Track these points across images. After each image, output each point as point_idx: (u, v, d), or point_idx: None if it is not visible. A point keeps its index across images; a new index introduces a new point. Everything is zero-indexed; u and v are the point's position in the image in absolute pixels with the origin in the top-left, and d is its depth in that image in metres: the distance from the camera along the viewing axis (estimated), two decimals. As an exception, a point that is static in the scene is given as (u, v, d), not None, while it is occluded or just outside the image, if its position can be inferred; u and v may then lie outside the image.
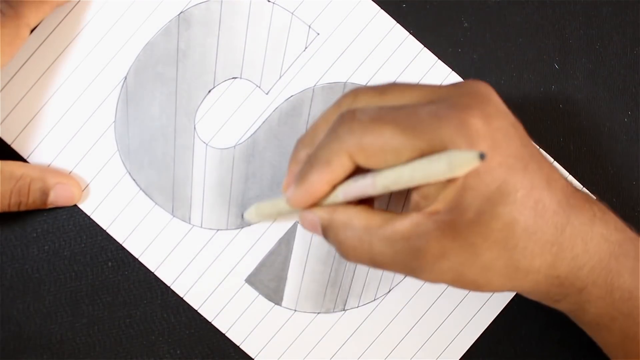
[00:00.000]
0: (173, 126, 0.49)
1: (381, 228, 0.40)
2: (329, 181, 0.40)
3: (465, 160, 0.35)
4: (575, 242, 0.41)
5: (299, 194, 0.41)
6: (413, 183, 0.38)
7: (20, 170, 0.47)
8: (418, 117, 0.38)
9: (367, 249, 0.40)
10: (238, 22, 0.49)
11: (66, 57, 0.49)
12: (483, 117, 0.38)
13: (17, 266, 0.49)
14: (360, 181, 0.40)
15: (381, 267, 0.41)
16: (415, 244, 0.39)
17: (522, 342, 0.51)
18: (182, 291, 0.50)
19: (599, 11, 0.51)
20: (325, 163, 0.40)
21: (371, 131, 0.38)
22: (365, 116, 0.39)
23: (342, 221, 0.41)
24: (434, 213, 0.38)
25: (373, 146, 0.38)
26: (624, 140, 0.51)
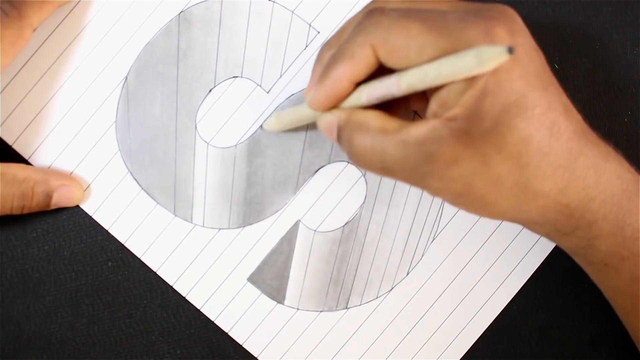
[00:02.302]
0: (174, 126, 0.50)
1: (396, 132, 0.40)
2: (352, 77, 0.41)
3: (493, 54, 0.35)
4: (587, 173, 0.41)
5: (320, 91, 0.42)
6: (440, 80, 0.38)
7: (23, 173, 0.48)
8: (445, 19, 0.39)
9: (379, 152, 0.41)
10: (238, 21, 0.50)
11: (67, 57, 0.49)
12: (508, 30, 0.39)
13: (17, 266, 0.50)
14: (385, 80, 0.40)
15: (391, 172, 0.42)
16: (428, 148, 0.39)
17: (522, 342, 0.52)
18: (184, 290, 0.51)
19: (599, 11, 0.52)
20: (349, 56, 0.41)
21: (398, 25, 0.39)
22: (394, 12, 0.40)
23: (358, 122, 0.42)
24: (451, 119, 0.39)
25: (398, 40, 0.39)
26: (624, 140, 0.52)
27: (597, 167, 0.42)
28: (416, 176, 0.41)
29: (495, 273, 0.52)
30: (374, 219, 0.51)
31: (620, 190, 0.43)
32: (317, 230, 0.51)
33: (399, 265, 0.52)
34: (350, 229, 0.51)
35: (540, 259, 0.52)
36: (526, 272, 0.52)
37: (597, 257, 0.44)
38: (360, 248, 0.51)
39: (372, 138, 0.41)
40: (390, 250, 0.52)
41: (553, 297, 0.52)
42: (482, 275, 0.52)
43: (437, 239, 0.52)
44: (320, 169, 0.51)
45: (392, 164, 0.41)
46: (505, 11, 0.41)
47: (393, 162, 0.41)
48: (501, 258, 0.52)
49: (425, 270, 0.52)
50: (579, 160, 0.41)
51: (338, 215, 0.51)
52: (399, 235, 0.52)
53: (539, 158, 0.40)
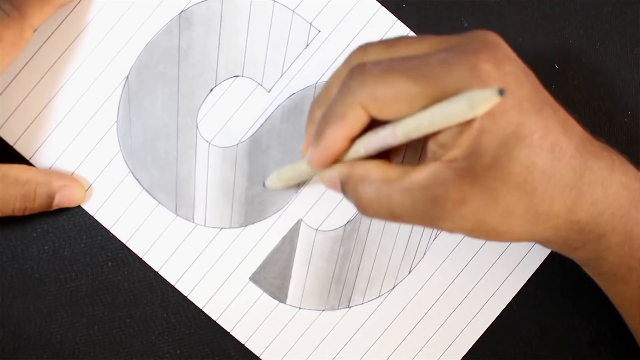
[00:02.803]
0: (175, 125, 0.50)
1: (400, 180, 0.41)
2: (346, 135, 0.42)
3: (484, 98, 0.35)
4: (594, 188, 0.42)
5: (317, 152, 0.43)
6: (434, 127, 0.39)
7: (25, 174, 0.48)
8: (429, 65, 0.39)
9: (386, 201, 0.41)
10: (239, 20, 0.50)
11: (68, 57, 0.50)
12: (493, 62, 0.39)
13: (17, 266, 0.50)
14: (380, 132, 0.41)
15: (401, 219, 0.42)
16: (434, 192, 0.40)
17: (522, 342, 0.53)
18: (186, 290, 0.51)
19: (599, 11, 0.52)
20: (340, 117, 0.41)
21: (383, 81, 0.40)
22: (376, 67, 0.40)
23: (360, 175, 0.42)
24: (452, 160, 0.39)
25: (386, 96, 0.39)
26: (624, 140, 0.53)
27: (604, 180, 0.42)
28: (426, 220, 0.41)
29: (496, 272, 0.52)
30: (375, 217, 0.52)
31: (628, 201, 0.43)
32: (318, 229, 0.52)
33: (401, 263, 0.52)
34: (352, 227, 0.52)
35: (541, 259, 0.52)
36: (526, 272, 0.52)
37: (606, 268, 0.45)
38: (362, 247, 0.52)
39: (377, 189, 0.41)
40: (392, 249, 0.52)
41: (553, 297, 0.53)
42: (483, 275, 0.52)
43: (438, 238, 0.52)
44: (322, 168, 0.52)
45: (400, 212, 0.41)
46: (486, 39, 0.41)
47: (401, 210, 0.41)
48: (502, 257, 0.52)
49: (427, 269, 0.52)
50: (585, 176, 0.41)
51: (340, 214, 0.52)
52: (401, 233, 0.52)
53: (545, 182, 0.40)
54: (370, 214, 0.42)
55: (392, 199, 0.41)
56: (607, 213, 0.42)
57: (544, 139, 0.40)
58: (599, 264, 0.45)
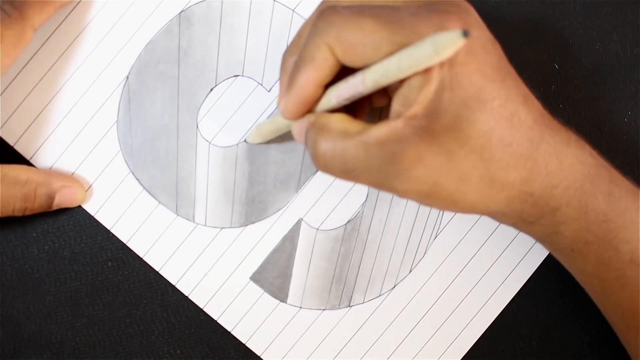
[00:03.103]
0: (176, 125, 0.51)
1: (358, 134, 0.40)
2: (317, 79, 0.41)
3: (449, 40, 0.35)
4: (549, 160, 0.42)
5: (290, 100, 0.42)
6: (401, 73, 0.38)
7: (25, 175, 0.48)
8: (399, 14, 0.39)
9: (340, 155, 0.41)
10: (239, 19, 0.51)
11: (68, 57, 0.50)
12: (462, 24, 0.39)
13: (17, 266, 0.51)
14: (350, 80, 0.40)
15: (353, 174, 0.41)
16: (391, 149, 0.39)
17: (522, 342, 0.53)
18: (186, 290, 0.51)
19: (599, 11, 0.53)
20: (309, 60, 0.41)
21: (351, 23, 0.39)
22: (346, 10, 0.40)
23: (321, 124, 0.42)
24: (412, 118, 0.39)
25: (353, 38, 0.39)
26: (624, 140, 0.53)
27: (559, 153, 0.42)
28: (380, 178, 0.41)
29: (496, 272, 0.53)
30: (376, 216, 0.52)
31: (583, 174, 0.43)
32: (319, 229, 0.52)
33: (402, 263, 0.52)
34: (353, 227, 0.52)
35: (541, 258, 0.53)
36: (526, 272, 0.53)
37: (563, 244, 0.45)
38: (362, 246, 0.52)
39: (334, 141, 0.41)
40: (392, 248, 0.52)
41: (553, 297, 0.53)
42: (483, 274, 0.53)
43: (439, 237, 0.52)
44: (322, 168, 0.52)
45: (353, 167, 0.41)
46: (458, 4, 0.41)
47: (354, 165, 0.41)
48: (502, 257, 0.53)
49: (427, 268, 0.52)
50: (541, 148, 0.42)
51: (340, 214, 0.52)
52: (401, 233, 0.52)
53: (502, 149, 0.40)
54: (323, 167, 0.42)
55: (347, 152, 0.41)
56: (561, 186, 0.43)
57: (504, 106, 0.40)
58: (556, 240, 0.45)
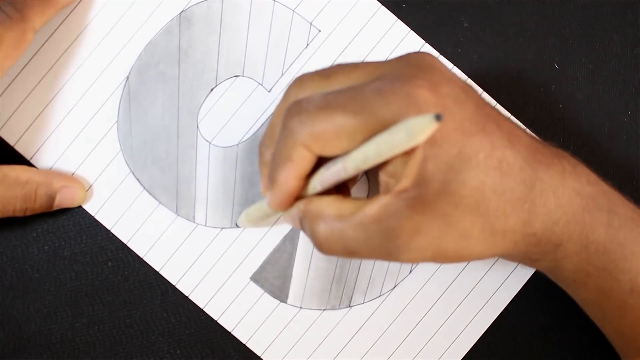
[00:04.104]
0: (176, 125, 0.51)
1: (352, 214, 0.40)
2: (297, 176, 0.42)
3: (422, 125, 0.35)
4: (547, 198, 0.42)
5: (274, 196, 0.43)
6: (380, 158, 0.38)
7: (26, 175, 0.48)
8: (364, 97, 0.39)
9: (340, 237, 0.41)
10: (239, 20, 0.51)
11: (68, 57, 0.50)
12: (429, 86, 0.39)
13: (17, 266, 0.51)
14: (331, 168, 0.41)
15: (357, 254, 0.41)
16: (387, 225, 0.40)
17: (522, 342, 0.53)
18: (187, 290, 0.51)
19: (599, 11, 0.53)
20: (286, 159, 0.41)
21: (321, 119, 0.39)
22: (312, 105, 0.40)
23: (315, 212, 0.42)
24: (402, 191, 0.39)
25: (326, 134, 0.39)
26: (624, 140, 0.53)
27: (555, 188, 0.42)
28: (384, 253, 0.41)
29: (496, 272, 0.53)
30: (376, 217, 0.52)
31: (581, 207, 0.43)
32: (319, 229, 0.52)
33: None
34: (353, 227, 0.52)
35: (541, 258, 0.53)
36: (527, 272, 0.53)
37: (565, 276, 0.46)
38: (362, 246, 0.52)
39: (331, 225, 0.41)
40: (392, 248, 0.53)
41: (553, 297, 0.53)
42: (483, 274, 0.53)
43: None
44: (322, 168, 0.52)
45: (355, 247, 0.41)
46: (421, 61, 0.41)
47: (356, 245, 0.41)
48: (502, 258, 0.52)
49: (427, 268, 0.52)
50: (536, 187, 0.42)
51: (340, 214, 0.52)
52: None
53: (496, 199, 0.40)
54: (326, 250, 0.42)
55: (345, 234, 0.41)
56: (561, 222, 0.43)
57: (490, 156, 0.40)
58: (559, 273, 0.46)
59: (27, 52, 0.50)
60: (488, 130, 0.40)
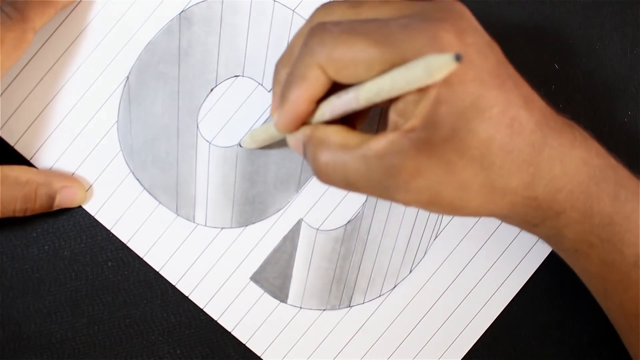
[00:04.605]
0: (176, 125, 0.51)
1: (357, 146, 0.41)
2: (309, 97, 0.41)
3: (441, 63, 0.35)
4: (553, 164, 0.42)
5: (283, 115, 0.43)
6: (395, 92, 0.38)
7: (26, 175, 0.48)
8: (390, 29, 0.39)
9: (341, 167, 0.41)
10: (239, 20, 0.51)
11: (68, 57, 0.50)
12: (455, 32, 0.39)
13: (17, 266, 0.51)
14: (343, 96, 0.41)
15: (355, 187, 0.42)
16: (390, 161, 0.39)
17: (522, 342, 0.53)
18: (187, 290, 0.52)
19: (599, 11, 0.53)
20: (301, 78, 0.41)
21: (342, 43, 0.39)
22: (337, 28, 0.40)
23: (320, 138, 0.42)
24: (410, 130, 0.39)
25: (344, 58, 0.39)
26: (624, 140, 0.53)
27: (563, 156, 0.42)
28: (381, 190, 0.41)
29: (496, 272, 0.53)
30: (376, 217, 0.52)
31: (588, 176, 0.43)
32: (319, 229, 0.52)
33: (402, 263, 0.53)
34: (353, 227, 0.52)
35: (541, 258, 0.53)
36: (526, 272, 0.53)
37: (567, 245, 0.45)
38: (362, 246, 0.52)
39: (334, 154, 0.41)
40: (392, 248, 0.52)
41: (553, 297, 0.53)
42: (483, 274, 0.53)
43: (439, 237, 0.53)
44: (322, 168, 0.52)
45: (354, 179, 0.41)
46: (452, 8, 0.40)
47: (355, 177, 0.41)
48: (502, 257, 0.53)
49: (427, 268, 0.53)
50: (544, 152, 0.41)
51: (340, 214, 0.52)
52: (402, 233, 0.52)
53: (502, 157, 0.40)
54: (325, 179, 0.42)
55: (347, 165, 0.41)
56: (565, 190, 0.42)
57: (504, 113, 0.40)
58: (560, 241, 0.45)
59: (27, 52, 0.50)
60: (506, 87, 0.40)
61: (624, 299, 0.46)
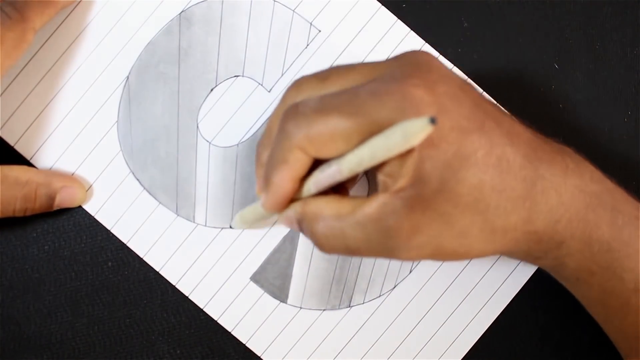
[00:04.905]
0: (176, 125, 0.51)
1: (351, 214, 0.41)
2: (292, 178, 0.42)
3: (417, 128, 0.35)
4: (548, 195, 0.42)
5: (270, 197, 0.43)
6: (376, 160, 0.39)
7: (25, 175, 0.48)
8: (359, 99, 0.39)
9: (340, 236, 0.41)
10: (239, 20, 0.51)
11: (68, 57, 0.50)
12: (425, 85, 0.39)
13: (17, 266, 0.51)
14: (326, 170, 0.41)
15: (357, 253, 0.42)
16: (386, 224, 0.40)
17: (522, 342, 0.53)
18: (187, 290, 0.52)
19: (599, 11, 0.53)
20: (282, 162, 0.41)
21: (316, 122, 0.40)
22: (308, 108, 0.40)
23: (313, 212, 0.42)
24: (400, 190, 0.39)
25: (321, 137, 0.39)
26: (624, 140, 0.53)
27: (557, 186, 0.42)
28: (383, 252, 0.41)
29: (496, 272, 0.53)
30: (376, 217, 0.53)
31: (584, 204, 0.43)
32: (319, 229, 0.53)
33: (402, 263, 0.52)
34: (353, 227, 0.53)
35: (541, 258, 0.53)
36: (527, 272, 0.53)
37: (569, 274, 0.46)
38: (362, 246, 0.53)
39: (330, 225, 0.42)
40: (392, 249, 0.53)
41: (553, 297, 0.53)
42: (483, 274, 0.53)
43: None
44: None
45: (355, 246, 0.41)
46: (417, 60, 0.41)
47: (356, 244, 0.41)
48: (502, 257, 0.53)
49: (427, 268, 0.53)
50: (537, 185, 0.41)
51: (340, 214, 0.52)
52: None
53: (496, 197, 0.40)
54: (327, 250, 0.43)
55: (345, 233, 0.41)
56: (564, 220, 0.43)
57: (489, 154, 0.40)
58: (562, 270, 0.46)
59: (27, 52, 0.50)
60: (487, 128, 0.40)
61: (624, 323, 0.46)
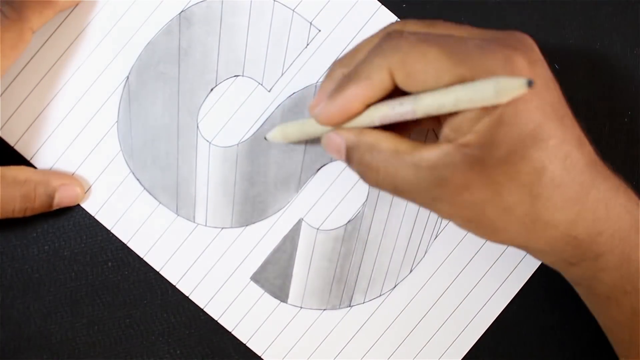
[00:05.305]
0: (176, 125, 0.51)
1: (409, 154, 0.41)
2: (366, 98, 0.42)
3: (512, 86, 0.36)
4: (598, 206, 0.42)
5: (331, 108, 0.42)
6: (456, 108, 0.39)
7: (24, 175, 0.48)
8: (465, 45, 0.40)
9: (392, 173, 0.42)
10: (239, 19, 0.51)
11: (68, 57, 0.50)
12: (528, 61, 0.40)
13: (17, 266, 0.51)
14: (397, 108, 0.41)
15: (402, 193, 0.42)
16: (440, 173, 0.40)
17: (522, 342, 0.53)
18: (187, 290, 0.52)
19: (599, 11, 0.53)
20: (365, 78, 0.41)
21: (417, 49, 0.40)
22: (413, 36, 0.41)
23: (370, 143, 0.42)
24: (465, 145, 0.40)
25: (416, 65, 0.40)
26: (624, 140, 0.53)
27: (608, 200, 0.43)
28: (427, 199, 0.42)
29: (496, 272, 0.53)
30: (376, 216, 0.52)
31: (629, 224, 0.43)
32: (319, 229, 0.52)
33: (402, 262, 0.53)
34: (353, 227, 0.52)
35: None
36: (527, 272, 0.53)
37: (601, 290, 0.45)
38: (363, 246, 0.52)
39: (385, 160, 0.42)
40: (393, 248, 0.53)
41: (553, 297, 0.53)
42: (483, 274, 0.53)
43: (439, 237, 0.53)
44: (323, 168, 0.52)
45: (403, 186, 0.42)
46: (524, 40, 0.42)
47: (404, 185, 0.42)
48: (503, 257, 0.53)
49: (428, 267, 0.53)
50: (590, 194, 0.42)
51: (341, 214, 0.52)
52: (402, 232, 0.53)
53: (551, 189, 0.41)
54: (373, 183, 0.43)
55: (397, 172, 0.41)
56: (606, 233, 0.43)
57: (559, 147, 0.40)
58: (594, 285, 0.46)
59: (27, 52, 0.50)
60: (564, 123, 0.41)
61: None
